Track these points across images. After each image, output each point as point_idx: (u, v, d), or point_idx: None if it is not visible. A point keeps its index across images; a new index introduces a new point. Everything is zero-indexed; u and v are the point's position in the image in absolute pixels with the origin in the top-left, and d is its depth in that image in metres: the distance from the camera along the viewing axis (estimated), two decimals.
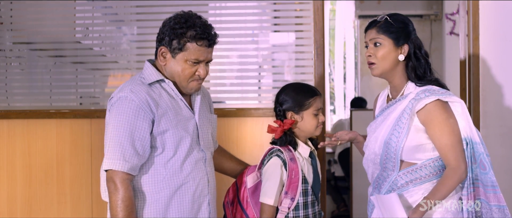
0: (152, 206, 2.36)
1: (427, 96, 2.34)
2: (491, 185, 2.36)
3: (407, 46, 2.41)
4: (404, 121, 2.34)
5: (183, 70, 2.37)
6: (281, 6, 3.65)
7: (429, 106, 2.33)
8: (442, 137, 2.31)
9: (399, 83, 2.45)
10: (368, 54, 2.42)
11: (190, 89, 2.41)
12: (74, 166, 3.57)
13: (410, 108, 2.34)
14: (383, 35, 2.39)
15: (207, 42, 2.36)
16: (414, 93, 2.39)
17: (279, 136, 2.51)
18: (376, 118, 2.52)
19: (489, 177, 2.36)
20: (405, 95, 2.41)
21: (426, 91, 2.37)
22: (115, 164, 2.27)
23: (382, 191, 2.41)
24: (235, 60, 3.67)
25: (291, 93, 2.55)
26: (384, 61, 2.40)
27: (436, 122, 2.32)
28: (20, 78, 3.78)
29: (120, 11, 3.71)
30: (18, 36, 3.82)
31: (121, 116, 2.30)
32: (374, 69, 2.42)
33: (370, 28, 2.43)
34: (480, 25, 3.29)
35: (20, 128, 3.60)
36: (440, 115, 2.32)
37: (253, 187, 2.58)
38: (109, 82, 3.74)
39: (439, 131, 2.31)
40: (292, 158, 2.48)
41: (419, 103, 2.33)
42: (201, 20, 2.38)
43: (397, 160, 2.35)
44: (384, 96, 2.57)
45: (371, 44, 2.42)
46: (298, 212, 2.48)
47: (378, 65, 2.40)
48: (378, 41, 2.40)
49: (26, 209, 3.60)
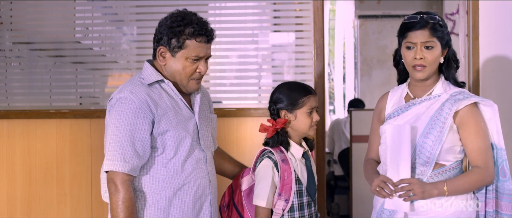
0: (153, 206, 2.35)
1: (466, 98, 2.34)
2: (507, 193, 2.36)
3: (447, 50, 2.40)
4: (442, 120, 2.32)
5: (184, 68, 2.37)
6: (281, 6, 3.65)
7: (468, 108, 2.34)
8: (477, 140, 2.33)
9: (429, 84, 2.42)
10: (420, 56, 2.33)
11: (190, 88, 2.41)
12: (74, 166, 3.57)
13: (449, 108, 2.33)
14: (435, 38, 2.34)
15: (205, 38, 2.36)
16: (448, 94, 2.38)
17: (271, 135, 2.49)
18: (399, 116, 2.44)
19: (508, 185, 2.36)
20: (435, 96, 2.40)
21: (462, 93, 2.38)
22: (115, 165, 2.27)
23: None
24: (235, 60, 3.67)
25: (284, 91, 2.53)
26: (434, 65, 2.37)
27: (472, 124, 2.33)
28: (20, 78, 3.78)
29: (120, 11, 3.71)
30: (18, 36, 3.82)
31: (121, 117, 2.29)
32: (423, 72, 2.35)
33: (421, 29, 2.35)
34: (480, 25, 3.29)
35: (20, 128, 3.60)
36: (477, 117, 2.34)
37: (247, 189, 2.56)
38: (109, 82, 3.74)
39: (474, 134, 2.33)
40: (284, 159, 2.46)
41: (459, 104, 2.33)
42: (197, 17, 2.39)
43: (431, 161, 2.32)
44: (399, 94, 2.51)
45: (422, 46, 2.34)
46: (293, 214, 2.46)
47: (429, 68, 2.36)
48: (431, 44, 2.34)
49: (26, 209, 3.60)
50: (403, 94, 2.51)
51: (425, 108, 2.39)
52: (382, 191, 2.28)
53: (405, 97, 2.49)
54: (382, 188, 2.28)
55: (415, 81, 2.44)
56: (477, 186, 2.33)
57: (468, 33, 3.36)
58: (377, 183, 2.30)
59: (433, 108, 2.37)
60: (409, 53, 2.36)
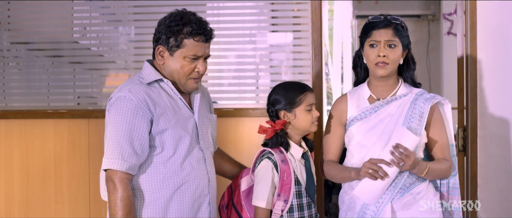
0: (152, 205, 2.36)
1: (434, 96, 2.49)
2: (457, 187, 2.56)
3: (406, 52, 2.52)
4: (418, 118, 2.43)
5: (182, 67, 2.37)
6: (279, 6, 3.65)
7: (435, 106, 2.50)
8: (443, 136, 2.50)
9: (391, 84, 2.53)
10: (383, 54, 2.43)
11: (188, 87, 2.42)
12: (72, 166, 3.57)
13: (421, 107, 2.44)
14: (398, 38, 2.45)
15: (204, 37, 2.37)
16: (413, 93, 2.50)
17: (270, 137, 2.50)
18: (367, 117, 2.51)
19: (456, 179, 2.56)
20: (400, 95, 2.50)
21: (425, 92, 2.52)
22: (113, 163, 2.28)
23: (393, 192, 2.42)
24: (233, 60, 3.67)
25: (281, 92, 2.54)
26: (395, 63, 2.47)
27: (438, 121, 2.50)
28: (17, 78, 3.77)
29: (117, 11, 3.71)
30: (15, 36, 3.82)
31: (119, 116, 2.30)
32: (385, 69, 2.44)
33: (385, 27, 2.45)
34: (478, 25, 3.30)
35: (17, 128, 3.60)
36: (440, 115, 2.52)
37: (247, 190, 2.57)
38: (107, 82, 3.73)
39: (439, 130, 2.50)
40: (284, 160, 2.46)
41: (431, 102, 2.46)
42: (196, 16, 2.40)
43: None
44: (360, 96, 2.58)
45: (385, 44, 2.43)
46: (292, 214, 2.46)
47: (391, 66, 2.45)
48: (394, 43, 2.44)
49: (24, 209, 3.59)
50: (365, 95, 2.57)
51: (395, 108, 2.49)
52: (376, 174, 2.30)
53: (369, 99, 2.56)
54: (376, 170, 2.30)
55: (376, 81, 2.53)
56: (443, 175, 2.50)
57: (465, 33, 3.36)
58: (369, 165, 2.32)
59: (405, 107, 2.47)
60: (373, 51, 2.45)
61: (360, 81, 2.64)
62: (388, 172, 2.30)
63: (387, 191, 2.42)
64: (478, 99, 3.28)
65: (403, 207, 2.43)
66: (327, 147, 2.63)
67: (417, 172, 2.38)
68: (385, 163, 2.30)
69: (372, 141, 2.46)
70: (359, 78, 2.64)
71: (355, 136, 2.52)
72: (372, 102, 2.54)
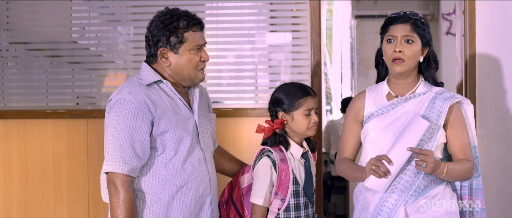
0: (154, 206, 2.36)
1: (454, 95, 2.43)
2: (481, 188, 2.50)
3: (427, 50, 2.45)
4: (436, 117, 2.38)
5: (189, 60, 2.39)
6: (277, 6, 3.65)
7: (456, 106, 2.44)
8: (463, 136, 2.43)
9: (410, 82, 2.47)
10: (399, 49, 2.37)
11: (198, 78, 2.44)
12: (71, 166, 3.57)
13: (440, 106, 2.39)
14: (416, 33, 2.39)
15: (199, 26, 2.41)
16: (433, 92, 2.44)
17: (268, 136, 2.50)
18: (385, 114, 2.46)
19: (480, 181, 2.50)
20: (419, 93, 2.45)
21: (445, 91, 2.46)
22: (115, 166, 2.27)
23: (407, 194, 2.37)
24: (232, 60, 3.67)
25: (283, 92, 2.54)
26: (412, 60, 2.40)
27: (458, 121, 2.43)
28: (16, 78, 3.77)
29: (116, 11, 3.71)
30: (14, 36, 3.82)
31: (120, 118, 2.30)
32: (401, 66, 2.38)
33: (402, 22, 2.40)
34: (477, 25, 3.29)
35: (16, 128, 3.59)
36: (461, 115, 2.45)
37: (246, 187, 2.57)
38: (106, 82, 3.73)
39: (461, 130, 2.43)
40: (283, 159, 2.46)
41: (452, 100, 2.41)
42: (182, 10, 2.42)
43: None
44: (379, 93, 2.53)
45: (402, 40, 2.38)
46: (289, 214, 2.46)
47: (407, 62, 2.39)
48: (412, 38, 2.38)
49: (23, 209, 3.59)
50: (383, 92, 2.52)
51: (413, 106, 2.43)
52: (379, 170, 2.26)
53: (387, 96, 2.51)
54: (378, 166, 2.26)
55: (395, 79, 2.48)
56: (465, 176, 2.41)
57: (464, 33, 3.36)
58: (373, 162, 2.28)
59: (423, 105, 2.41)
60: (390, 46, 2.40)
61: (381, 79, 2.59)
62: (390, 170, 2.25)
63: (401, 193, 2.36)
64: (477, 99, 3.27)
65: (417, 211, 2.36)
66: (343, 145, 2.58)
67: (437, 173, 2.30)
68: (386, 159, 2.25)
69: (387, 139, 2.40)
70: (381, 76, 2.58)
71: (371, 133, 2.46)
72: (390, 99, 2.48)
